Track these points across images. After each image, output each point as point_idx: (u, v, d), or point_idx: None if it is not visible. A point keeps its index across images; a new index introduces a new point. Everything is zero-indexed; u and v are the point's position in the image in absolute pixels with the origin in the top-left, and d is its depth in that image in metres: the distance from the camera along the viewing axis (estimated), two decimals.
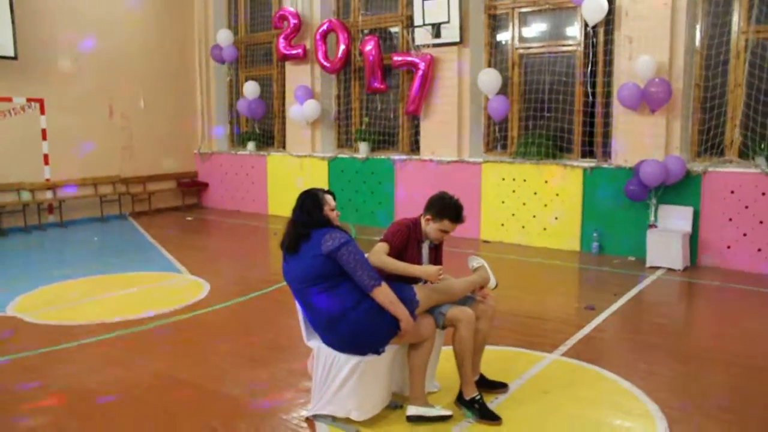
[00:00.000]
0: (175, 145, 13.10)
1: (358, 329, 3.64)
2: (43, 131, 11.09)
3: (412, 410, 3.85)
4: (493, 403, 4.12)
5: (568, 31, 9.23)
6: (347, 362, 3.71)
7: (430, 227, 4.07)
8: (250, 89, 12.13)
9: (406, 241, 4.01)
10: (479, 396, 3.94)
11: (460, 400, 4.00)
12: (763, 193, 7.58)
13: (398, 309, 3.65)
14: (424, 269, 3.85)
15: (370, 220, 10.91)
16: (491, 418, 3.87)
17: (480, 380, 4.23)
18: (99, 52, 11.68)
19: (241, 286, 7.32)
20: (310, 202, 3.81)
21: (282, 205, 11.57)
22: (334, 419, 3.86)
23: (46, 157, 11.17)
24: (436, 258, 4.25)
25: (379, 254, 3.89)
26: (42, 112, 11.06)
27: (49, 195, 11.25)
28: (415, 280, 3.96)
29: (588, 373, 4.70)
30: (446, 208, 4.03)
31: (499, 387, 4.32)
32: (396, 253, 3.95)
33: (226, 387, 4.48)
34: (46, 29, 10.96)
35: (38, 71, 10.93)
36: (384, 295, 3.64)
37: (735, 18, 7.88)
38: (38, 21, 10.84)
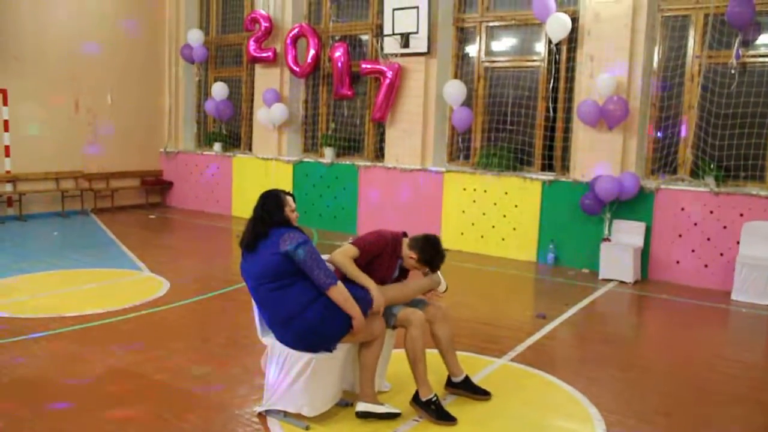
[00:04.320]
0: (140, 142, 13.03)
1: (312, 327, 3.75)
2: (5, 122, 10.96)
3: (362, 406, 3.97)
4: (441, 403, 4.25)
5: (533, 48, 9.48)
6: (300, 359, 3.81)
7: (411, 261, 4.21)
8: (219, 90, 12.15)
9: (380, 252, 4.14)
10: (435, 397, 4.04)
11: (416, 401, 4.07)
12: (711, 212, 7.89)
13: (352, 307, 3.78)
14: (375, 291, 3.96)
15: (332, 225, 11.00)
16: (447, 419, 3.98)
17: (465, 382, 4.36)
18: (66, 45, 11.59)
19: (200, 285, 7.36)
20: (271, 201, 3.93)
21: (246, 207, 11.59)
22: (285, 414, 3.95)
23: (7, 148, 11.03)
24: (402, 275, 4.40)
25: (344, 255, 4.03)
26: (5, 103, 10.93)
27: (8, 188, 11.11)
28: None
29: (534, 378, 4.87)
30: (434, 259, 4.21)
31: (481, 394, 4.37)
32: (364, 260, 4.08)
33: (180, 381, 4.55)
34: (12, 19, 10.86)
35: (1, 61, 10.81)
36: (339, 293, 3.77)
37: (690, 43, 8.21)
38: (4, 10, 10.74)
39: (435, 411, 4.00)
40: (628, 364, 5.32)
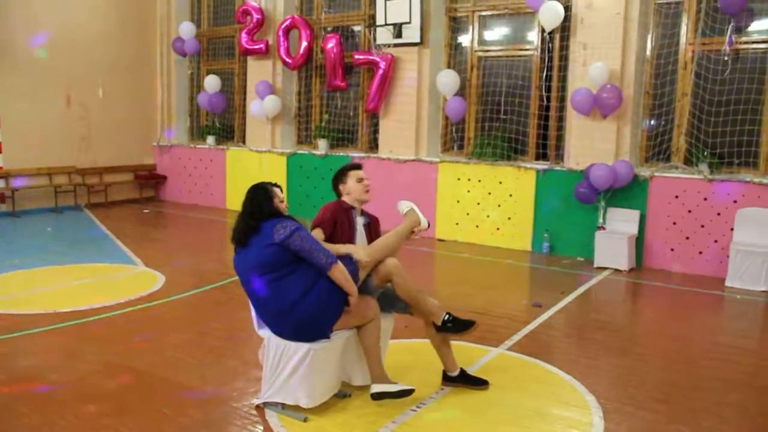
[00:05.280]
0: (133, 136, 12.96)
1: (311, 315, 3.76)
2: None
3: (375, 388, 3.97)
4: (439, 394, 4.27)
5: (526, 36, 9.46)
6: (297, 350, 3.81)
7: (349, 189, 4.35)
8: (211, 83, 12.09)
9: (335, 216, 4.24)
10: (448, 315, 4.23)
11: (437, 329, 4.25)
12: (705, 199, 7.91)
13: (351, 285, 3.84)
14: (351, 247, 4.05)
15: None
16: (467, 326, 4.22)
17: (461, 375, 4.36)
18: (57, 40, 11.50)
19: (196, 278, 7.35)
20: (260, 194, 3.95)
21: (240, 200, 11.55)
22: (283, 407, 3.95)
23: None
24: (371, 236, 4.42)
25: None
26: None
27: (1, 184, 11.05)
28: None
29: (531, 367, 4.88)
30: (341, 169, 4.42)
31: (479, 384, 4.39)
32: (329, 232, 4.18)
33: (177, 375, 4.54)
34: (1, 13, 10.78)
35: None
36: (340, 272, 3.81)
37: (683, 30, 8.20)
38: None
39: (453, 326, 4.21)
40: (625, 352, 5.34)
